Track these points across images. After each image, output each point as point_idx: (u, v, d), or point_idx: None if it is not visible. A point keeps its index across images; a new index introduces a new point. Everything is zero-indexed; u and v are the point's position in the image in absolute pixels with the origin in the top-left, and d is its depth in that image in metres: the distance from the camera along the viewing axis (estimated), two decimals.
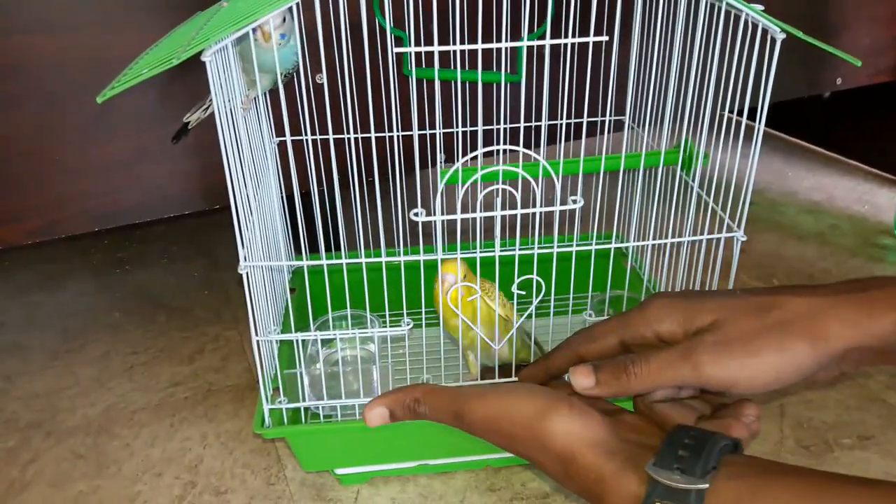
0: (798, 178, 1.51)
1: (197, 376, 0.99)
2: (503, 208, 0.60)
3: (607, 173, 0.70)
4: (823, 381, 0.49)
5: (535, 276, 0.61)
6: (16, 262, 1.30)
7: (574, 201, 0.59)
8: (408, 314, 0.71)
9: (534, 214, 0.62)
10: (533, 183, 0.59)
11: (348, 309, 0.72)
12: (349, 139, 0.82)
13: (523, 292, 0.63)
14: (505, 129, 0.92)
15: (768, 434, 0.82)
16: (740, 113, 0.65)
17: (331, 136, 0.79)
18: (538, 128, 0.88)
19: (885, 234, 1.26)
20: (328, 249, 0.95)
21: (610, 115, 0.87)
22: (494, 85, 0.89)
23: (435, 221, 0.59)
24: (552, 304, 0.73)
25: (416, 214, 0.59)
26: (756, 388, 0.47)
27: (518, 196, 0.61)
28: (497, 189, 0.60)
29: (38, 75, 0.81)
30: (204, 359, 1.02)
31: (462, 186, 0.60)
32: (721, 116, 0.69)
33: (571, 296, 0.75)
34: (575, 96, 0.84)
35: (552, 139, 0.96)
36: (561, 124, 0.92)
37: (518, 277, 0.62)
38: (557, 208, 0.59)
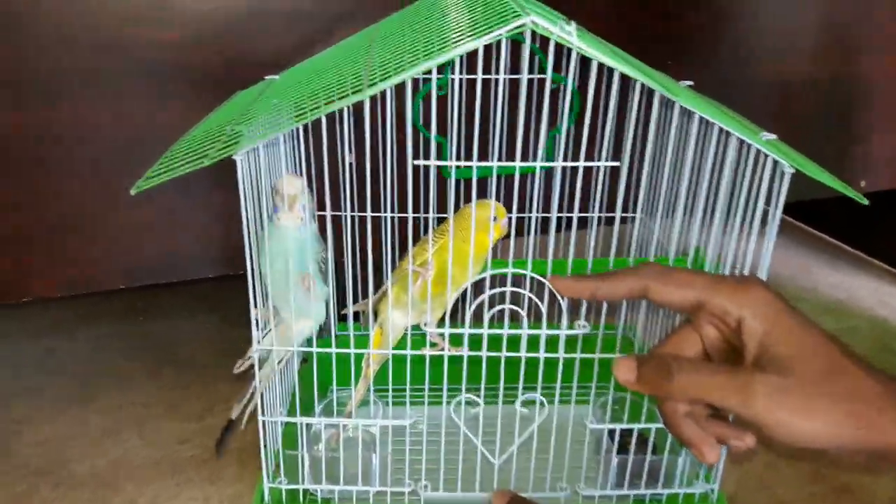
0: (821, 274, 1.50)
1: (204, 435, 1.00)
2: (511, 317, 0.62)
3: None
4: (844, 461, 0.48)
5: (538, 396, 0.63)
6: (38, 306, 1.34)
7: (581, 325, 0.61)
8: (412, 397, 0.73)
9: (539, 316, 0.64)
10: (538, 302, 0.60)
11: (353, 388, 0.74)
12: (347, 217, 0.85)
13: (526, 410, 0.64)
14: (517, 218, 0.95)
15: None
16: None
17: (347, 214, 0.81)
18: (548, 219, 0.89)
19: None
20: (341, 320, 0.97)
21: (623, 212, 0.89)
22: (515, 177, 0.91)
23: (444, 333, 0.61)
24: (557, 392, 0.73)
25: (425, 325, 0.61)
26: (789, 441, 0.46)
27: (525, 317, 0.63)
28: (506, 308, 0.62)
29: (78, 141, 0.86)
30: (213, 417, 1.04)
31: (471, 306, 0.62)
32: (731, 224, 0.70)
33: (574, 389, 0.75)
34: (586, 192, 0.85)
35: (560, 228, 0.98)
36: (574, 217, 0.93)
37: (522, 392, 0.63)
38: (563, 332, 0.61)
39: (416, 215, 0.84)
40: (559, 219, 0.86)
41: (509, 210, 0.93)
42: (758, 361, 0.47)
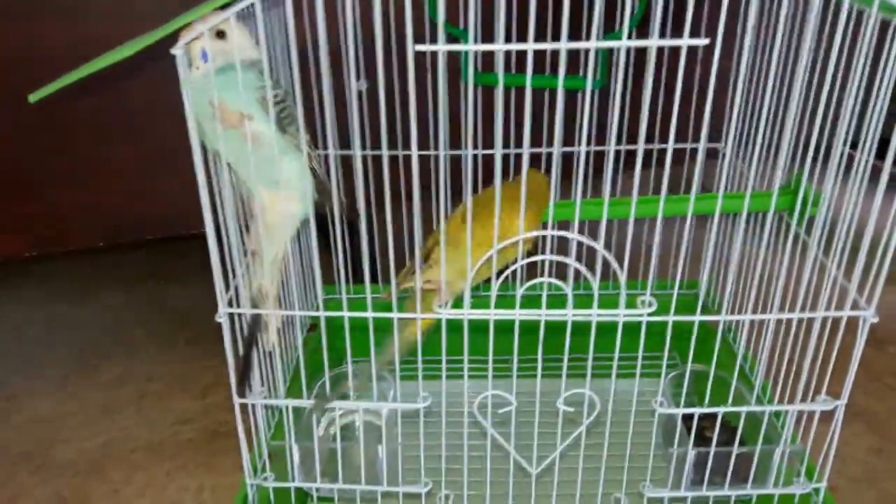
0: None
1: (207, 414, 0.88)
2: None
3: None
4: None
5: (587, 391, 0.47)
6: (48, 268, 1.23)
7: (645, 303, 0.44)
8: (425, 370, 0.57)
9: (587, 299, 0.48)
10: (589, 277, 0.45)
11: (349, 365, 0.58)
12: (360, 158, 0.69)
13: (571, 409, 0.48)
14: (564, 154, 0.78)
15: None
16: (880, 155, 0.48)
17: (370, 152, 0.66)
18: (608, 153, 0.73)
19: None
20: (357, 281, 0.83)
21: (703, 142, 0.71)
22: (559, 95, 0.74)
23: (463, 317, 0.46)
24: (615, 364, 0.56)
25: (440, 306, 0.46)
26: None
27: (570, 293, 0.47)
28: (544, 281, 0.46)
29: (49, 67, 0.71)
30: (219, 393, 0.92)
31: (497, 279, 0.46)
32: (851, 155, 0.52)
33: (640, 358, 0.58)
34: (660, 115, 0.69)
35: (626, 165, 0.80)
36: (635, 150, 0.76)
37: (565, 391, 0.47)
38: (622, 316, 0.45)
39: (424, 153, 0.69)
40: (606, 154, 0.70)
41: (551, 142, 0.76)
42: None
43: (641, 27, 0.67)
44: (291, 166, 0.55)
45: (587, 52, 0.42)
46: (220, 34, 0.51)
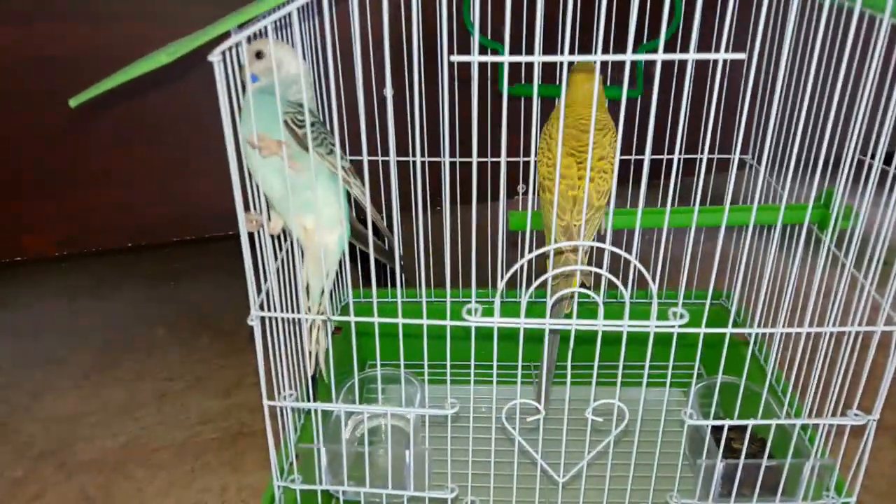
0: None
1: (230, 414, 0.88)
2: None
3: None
4: None
5: (616, 401, 0.47)
6: (71, 267, 1.23)
7: (677, 315, 0.44)
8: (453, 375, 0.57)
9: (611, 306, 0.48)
10: (621, 288, 0.44)
11: (378, 370, 0.59)
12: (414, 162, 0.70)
13: (600, 419, 0.48)
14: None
15: None
16: None
17: (392, 159, 0.66)
18: (639, 163, 0.72)
19: None
20: (384, 285, 0.83)
21: (734, 154, 0.70)
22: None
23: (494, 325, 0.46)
24: (645, 374, 0.56)
25: (468, 312, 0.46)
26: None
27: (600, 302, 0.47)
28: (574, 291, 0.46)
29: (69, 69, 0.72)
30: (241, 393, 0.92)
31: (526, 291, 0.46)
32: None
33: (671, 367, 0.58)
34: (689, 127, 0.68)
35: (654, 174, 0.80)
36: (667, 160, 0.76)
37: (594, 400, 0.47)
38: (653, 327, 0.45)
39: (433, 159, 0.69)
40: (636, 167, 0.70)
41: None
42: None
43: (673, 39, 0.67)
44: (325, 187, 0.57)
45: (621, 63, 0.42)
46: (259, 55, 0.54)
